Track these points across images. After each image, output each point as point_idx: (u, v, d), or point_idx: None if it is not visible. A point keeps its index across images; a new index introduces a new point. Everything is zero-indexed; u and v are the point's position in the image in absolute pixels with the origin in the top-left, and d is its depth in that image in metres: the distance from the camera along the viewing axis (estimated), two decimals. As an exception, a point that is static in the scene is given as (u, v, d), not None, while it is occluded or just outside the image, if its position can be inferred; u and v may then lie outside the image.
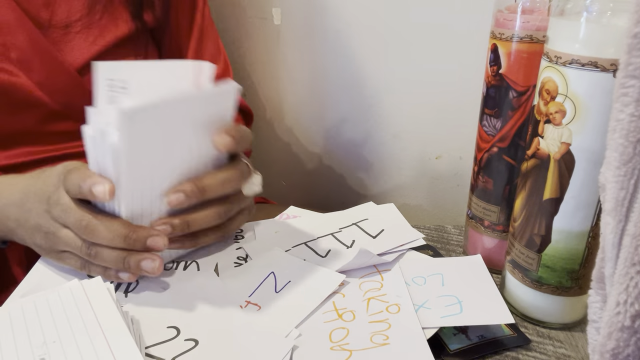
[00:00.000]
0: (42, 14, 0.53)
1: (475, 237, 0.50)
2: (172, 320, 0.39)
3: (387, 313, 0.39)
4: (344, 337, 0.37)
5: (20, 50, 0.52)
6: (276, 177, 0.89)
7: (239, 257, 0.48)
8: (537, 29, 0.40)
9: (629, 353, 0.20)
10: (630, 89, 0.21)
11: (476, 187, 0.48)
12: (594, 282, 0.24)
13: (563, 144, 0.36)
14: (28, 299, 0.38)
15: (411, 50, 0.67)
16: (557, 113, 0.35)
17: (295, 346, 0.36)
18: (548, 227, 0.38)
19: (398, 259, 0.47)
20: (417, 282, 0.44)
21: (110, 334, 0.35)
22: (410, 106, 0.70)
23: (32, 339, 0.34)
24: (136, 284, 0.43)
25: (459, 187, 0.70)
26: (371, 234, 0.50)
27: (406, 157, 0.73)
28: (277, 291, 0.42)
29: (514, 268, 0.42)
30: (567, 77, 0.34)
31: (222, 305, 0.41)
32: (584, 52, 0.33)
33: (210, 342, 0.37)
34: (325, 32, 0.72)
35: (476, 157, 0.48)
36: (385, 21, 0.67)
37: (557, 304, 0.40)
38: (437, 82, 0.67)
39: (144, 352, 0.35)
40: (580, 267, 0.38)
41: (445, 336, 0.39)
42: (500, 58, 0.42)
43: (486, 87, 0.45)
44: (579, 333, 0.41)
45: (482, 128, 0.46)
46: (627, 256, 0.20)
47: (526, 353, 0.39)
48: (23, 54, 0.52)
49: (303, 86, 0.79)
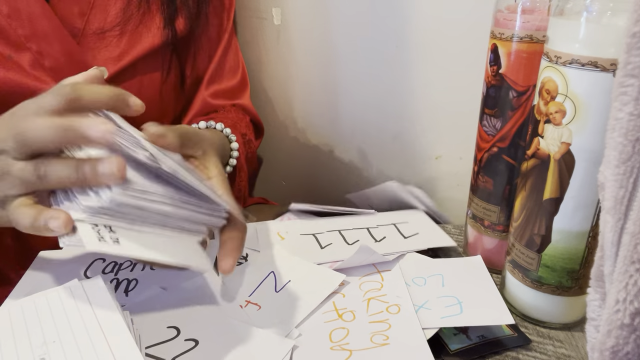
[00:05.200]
0: (77, 23, 0.54)
1: (475, 237, 0.50)
2: (172, 320, 0.39)
3: (387, 313, 0.39)
4: (344, 337, 0.37)
5: (54, 59, 0.53)
6: (276, 177, 0.89)
7: (239, 257, 0.48)
8: (537, 29, 0.40)
9: (628, 351, 0.20)
10: (629, 87, 0.21)
11: (476, 187, 0.48)
12: (593, 280, 0.24)
13: (563, 143, 0.36)
14: (28, 299, 0.38)
15: (411, 50, 0.67)
16: (557, 113, 0.35)
17: (295, 346, 0.36)
18: (548, 227, 0.38)
19: (398, 260, 0.47)
20: (417, 282, 0.44)
21: (110, 334, 0.35)
22: (410, 106, 0.70)
23: (32, 339, 0.34)
24: (136, 283, 0.43)
25: (459, 187, 0.70)
26: (404, 234, 0.51)
27: (406, 157, 0.73)
28: (277, 291, 0.42)
29: (514, 268, 0.42)
30: (567, 77, 0.34)
31: (222, 305, 0.41)
32: (584, 52, 0.33)
33: (210, 342, 0.37)
34: (325, 32, 0.72)
35: (476, 157, 0.48)
36: (385, 21, 0.67)
37: (557, 304, 0.40)
38: (437, 82, 0.67)
39: (144, 352, 0.35)
40: (580, 267, 0.38)
41: (446, 336, 0.39)
42: (500, 58, 0.42)
43: (486, 87, 0.45)
44: (579, 333, 0.41)
45: (482, 128, 0.46)
46: (626, 254, 0.20)
47: (526, 353, 0.39)
48: (56, 63, 0.53)
49: (302, 86, 0.79)
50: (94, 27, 0.55)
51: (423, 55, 0.66)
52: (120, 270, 0.45)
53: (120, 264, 0.46)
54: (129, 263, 0.46)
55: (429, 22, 0.64)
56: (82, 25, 0.54)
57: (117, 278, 0.44)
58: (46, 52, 0.52)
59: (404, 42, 0.67)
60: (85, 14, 0.54)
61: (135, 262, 0.46)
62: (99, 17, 0.55)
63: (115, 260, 0.47)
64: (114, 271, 0.45)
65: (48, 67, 0.53)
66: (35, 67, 0.52)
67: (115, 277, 0.44)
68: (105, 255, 0.47)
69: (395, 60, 0.68)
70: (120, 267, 0.45)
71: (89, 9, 0.54)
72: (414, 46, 0.66)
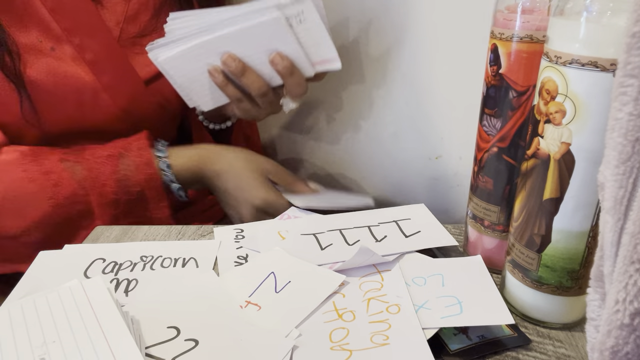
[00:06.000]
0: (115, 30, 0.58)
1: (475, 237, 0.50)
2: (172, 320, 0.39)
3: (387, 313, 0.39)
4: (344, 337, 0.37)
5: (95, 53, 0.56)
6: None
7: (239, 257, 0.48)
8: (537, 29, 0.40)
9: (628, 351, 0.20)
10: (628, 87, 0.21)
11: (476, 187, 0.48)
12: (593, 280, 0.24)
13: (563, 143, 0.36)
14: (28, 299, 0.38)
15: (411, 49, 0.67)
16: (557, 113, 0.35)
17: (295, 346, 0.36)
18: (548, 227, 0.38)
19: (398, 259, 0.47)
20: (417, 282, 0.44)
21: (110, 334, 0.35)
22: (410, 106, 0.70)
23: (32, 339, 0.34)
24: (136, 283, 0.43)
25: (459, 187, 0.70)
26: (405, 233, 0.51)
27: (406, 157, 0.73)
28: (277, 291, 0.42)
29: (514, 268, 0.42)
30: (567, 77, 0.34)
31: (222, 305, 0.41)
32: (584, 52, 0.33)
33: (210, 342, 0.37)
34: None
35: (476, 157, 0.48)
36: (384, 21, 0.67)
37: (557, 304, 0.40)
38: (437, 82, 0.67)
39: (144, 352, 0.35)
40: (581, 267, 0.38)
41: (446, 336, 0.39)
42: (500, 58, 0.42)
43: (486, 87, 0.45)
44: (579, 333, 0.41)
45: (482, 128, 0.46)
46: (626, 254, 0.20)
47: (526, 353, 0.39)
48: (97, 57, 0.56)
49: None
50: (130, 34, 0.60)
51: (423, 55, 0.66)
52: (120, 270, 0.45)
53: (120, 264, 0.46)
54: (129, 263, 0.46)
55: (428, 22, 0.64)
56: (118, 33, 0.59)
57: (117, 278, 0.44)
58: (87, 45, 0.56)
59: (404, 42, 0.67)
60: (120, 23, 0.59)
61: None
62: (132, 25, 0.60)
63: (115, 260, 0.47)
64: (114, 271, 0.45)
65: (88, 60, 0.56)
66: (76, 60, 0.56)
67: (115, 277, 0.44)
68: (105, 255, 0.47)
69: (395, 60, 0.68)
70: (120, 267, 0.46)
71: (123, 17, 0.59)
72: (414, 46, 0.66)
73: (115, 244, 0.50)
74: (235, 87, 0.56)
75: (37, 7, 0.53)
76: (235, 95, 0.57)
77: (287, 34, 0.52)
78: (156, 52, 0.53)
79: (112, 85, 0.57)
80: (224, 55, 0.53)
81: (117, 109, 0.59)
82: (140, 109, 0.61)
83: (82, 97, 0.57)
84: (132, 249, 0.48)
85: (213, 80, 0.55)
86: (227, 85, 0.55)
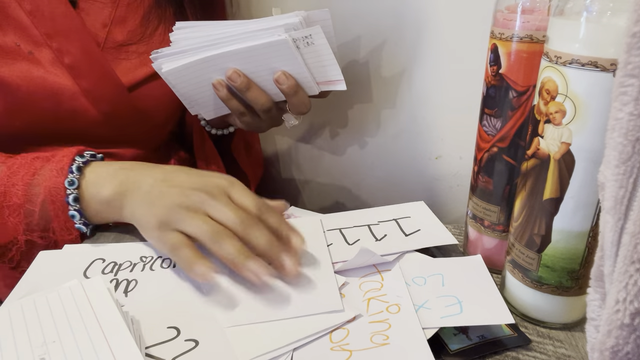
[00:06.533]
0: (100, 34, 0.57)
1: (475, 237, 0.50)
2: (172, 320, 0.39)
3: (387, 313, 0.39)
4: (344, 337, 0.37)
5: (74, 57, 0.55)
6: (275, 177, 0.89)
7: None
8: (537, 29, 0.40)
9: (628, 350, 0.20)
10: (629, 87, 0.21)
11: (476, 187, 0.48)
12: (593, 280, 0.24)
13: (563, 143, 0.36)
14: (28, 299, 0.38)
15: (410, 49, 0.67)
16: (557, 113, 0.35)
17: (295, 346, 0.36)
18: (548, 227, 0.38)
19: (398, 259, 0.47)
20: (417, 282, 0.44)
21: (110, 334, 0.35)
22: (410, 106, 0.70)
23: (32, 339, 0.34)
24: (136, 283, 0.43)
25: (459, 187, 0.70)
26: (405, 232, 0.51)
27: (406, 157, 0.73)
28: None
29: (514, 268, 0.42)
30: (567, 77, 0.34)
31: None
32: (584, 52, 0.33)
33: (210, 342, 0.37)
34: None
35: (476, 157, 0.48)
36: (384, 21, 0.67)
37: (557, 304, 0.40)
38: (437, 82, 0.67)
39: (144, 352, 0.35)
40: (581, 267, 0.38)
41: (446, 336, 0.39)
42: (500, 58, 0.42)
43: (486, 87, 0.45)
44: (579, 333, 0.41)
45: (482, 128, 0.46)
46: (626, 254, 0.20)
47: (526, 353, 0.39)
48: (76, 61, 0.55)
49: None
50: (116, 39, 0.58)
51: (423, 55, 0.66)
52: (120, 270, 0.45)
53: (120, 264, 0.46)
54: (129, 263, 0.46)
55: (428, 22, 0.64)
56: (104, 36, 0.58)
57: (116, 278, 0.44)
58: (66, 49, 0.54)
59: (404, 42, 0.67)
60: (107, 26, 0.58)
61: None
62: (119, 28, 0.58)
63: (114, 261, 0.47)
64: (113, 271, 0.45)
65: (67, 64, 0.54)
66: (54, 64, 0.54)
67: (115, 278, 0.44)
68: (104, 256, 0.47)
69: (395, 60, 0.68)
70: (120, 267, 0.45)
71: (110, 21, 0.58)
72: (414, 46, 0.66)
73: (115, 244, 0.50)
74: (238, 101, 0.55)
75: (15, 10, 0.52)
76: (238, 109, 0.56)
77: (293, 55, 0.51)
78: (160, 62, 0.52)
79: (92, 90, 0.56)
80: (229, 71, 0.52)
81: (99, 113, 0.57)
82: (123, 114, 0.59)
83: (60, 101, 0.55)
84: (132, 249, 0.48)
85: (217, 94, 0.54)
86: (231, 100, 0.55)
